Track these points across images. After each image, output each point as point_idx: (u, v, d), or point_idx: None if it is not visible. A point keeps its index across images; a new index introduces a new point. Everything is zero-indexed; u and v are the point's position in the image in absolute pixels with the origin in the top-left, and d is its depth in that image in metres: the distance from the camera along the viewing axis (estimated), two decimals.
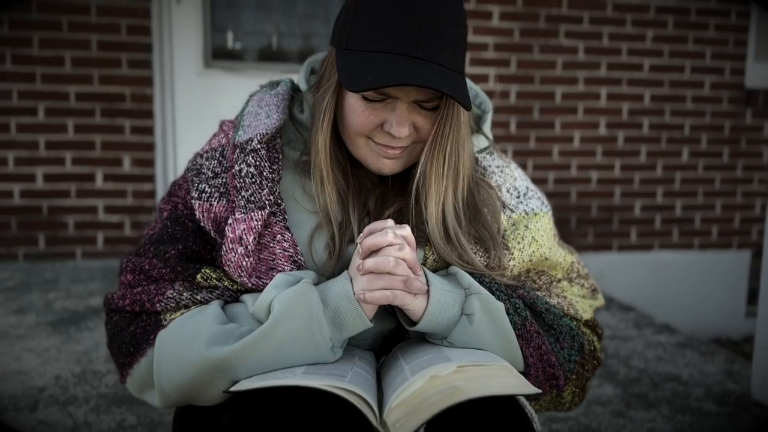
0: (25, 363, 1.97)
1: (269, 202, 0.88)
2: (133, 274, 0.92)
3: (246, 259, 0.85)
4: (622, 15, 3.41)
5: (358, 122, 0.87)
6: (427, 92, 0.85)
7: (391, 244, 0.78)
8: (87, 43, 2.96)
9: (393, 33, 0.81)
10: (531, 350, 0.87)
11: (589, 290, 1.02)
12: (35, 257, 3.05)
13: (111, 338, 0.92)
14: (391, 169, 0.90)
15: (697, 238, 3.71)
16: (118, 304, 0.91)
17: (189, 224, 0.93)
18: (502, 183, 0.98)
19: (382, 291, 0.78)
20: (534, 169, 3.44)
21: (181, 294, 0.87)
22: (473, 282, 0.85)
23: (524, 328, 0.87)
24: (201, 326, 0.81)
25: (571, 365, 0.91)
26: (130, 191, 3.08)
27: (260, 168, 0.89)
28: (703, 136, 3.61)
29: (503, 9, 3.29)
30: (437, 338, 0.84)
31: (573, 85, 3.42)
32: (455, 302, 0.83)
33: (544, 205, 1.01)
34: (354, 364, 0.80)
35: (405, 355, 0.84)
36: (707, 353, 2.28)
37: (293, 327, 0.77)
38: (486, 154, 1.00)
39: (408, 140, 0.88)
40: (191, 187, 0.94)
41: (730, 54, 3.56)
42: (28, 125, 2.97)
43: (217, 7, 3.15)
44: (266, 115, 0.93)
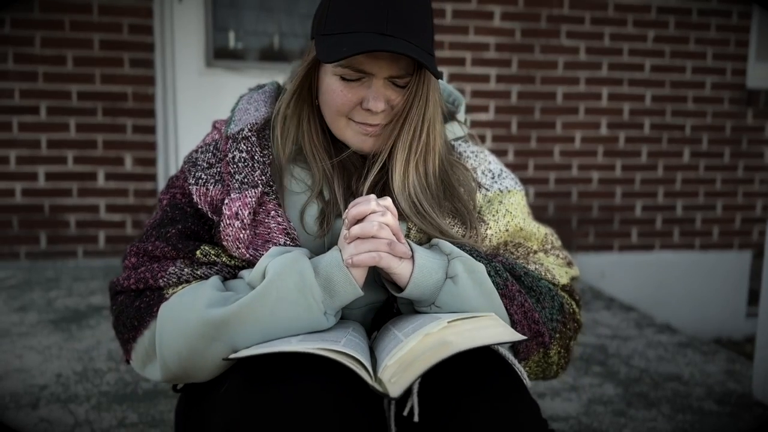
0: (27, 361, 1.97)
1: (262, 181, 0.94)
2: (137, 257, 0.97)
3: (243, 231, 0.91)
4: (623, 15, 3.41)
5: (337, 101, 0.94)
6: (399, 67, 0.92)
7: (374, 211, 0.84)
8: (89, 42, 2.96)
9: (365, 16, 0.89)
10: (515, 308, 0.91)
11: (564, 261, 1.08)
12: (37, 256, 3.05)
13: (116, 317, 0.96)
14: (371, 146, 0.97)
15: (698, 238, 3.71)
16: (123, 285, 0.96)
17: (187, 209, 0.99)
18: (477, 166, 1.06)
19: (368, 253, 0.82)
20: (535, 169, 3.45)
21: (182, 270, 0.92)
22: (454, 248, 0.90)
23: (506, 288, 0.91)
24: (200, 293, 0.86)
25: (554, 324, 0.95)
26: (132, 190, 3.09)
27: (252, 153, 0.96)
28: (704, 136, 3.61)
29: (504, 9, 3.29)
30: (425, 305, 0.88)
31: (574, 86, 3.42)
32: (439, 267, 0.87)
33: (517, 184, 1.08)
34: (348, 332, 0.84)
35: (396, 325, 0.88)
36: (708, 353, 2.28)
37: (286, 289, 0.81)
38: (462, 141, 1.09)
39: (384, 117, 0.95)
40: (188, 176, 1.00)
41: (732, 54, 3.56)
42: (30, 124, 2.97)
43: (218, 6, 3.16)
44: (255, 109, 1.02)
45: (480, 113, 3.32)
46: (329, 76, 0.94)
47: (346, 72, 0.92)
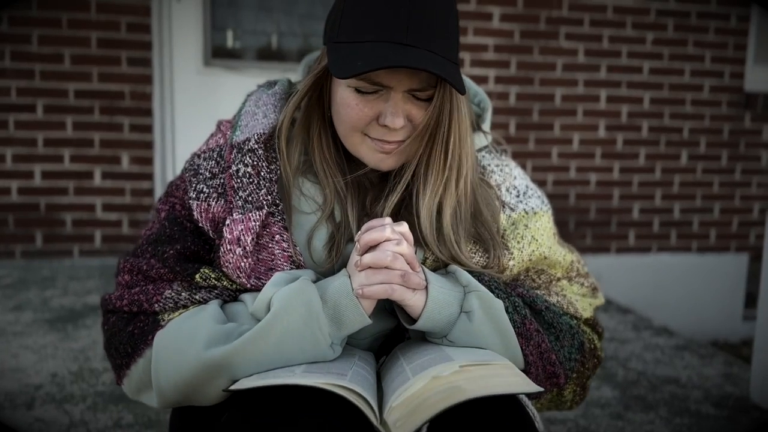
0: (22, 360, 1.96)
1: (267, 202, 0.87)
2: (130, 274, 0.91)
3: (244, 260, 0.84)
4: (622, 18, 3.41)
5: (352, 116, 0.85)
6: (420, 79, 0.83)
7: (389, 239, 0.78)
8: (87, 41, 2.95)
9: (382, 23, 0.80)
10: (531, 348, 0.86)
11: (589, 289, 1.01)
12: (32, 255, 3.03)
13: (108, 339, 0.90)
14: (389, 165, 0.89)
15: (696, 241, 3.71)
16: (115, 305, 0.89)
17: (187, 224, 0.92)
18: (501, 182, 0.98)
19: (380, 285, 0.78)
20: (533, 170, 3.44)
21: (180, 294, 0.86)
22: (472, 280, 0.84)
23: (524, 326, 0.86)
24: (199, 326, 0.80)
25: (572, 363, 0.91)
26: (129, 189, 3.07)
27: (258, 168, 0.88)
28: (702, 139, 3.62)
29: (504, 10, 3.29)
30: (437, 337, 0.84)
31: (573, 87, 3.42)
32: (454, 300, 0.83)
33: (543, 203, 1.00)
34: (354, 363, 0.80)
35: (406, 355, 0.83)
36: (706, 356, 2.28)
37: (292, 323, 0.76)
38: (485, 152, 1.00)
39: (404, 133, 0.86)
40: (189, 188, 0.93)
41: (730, 57, 3.57)
42: (27, 122, 2.96)
43: (217, 5, 3.15)
44: (263, 115, 0.93)
45: None
46: (343, 88, 0.86)
47: (362, 84, 0.84)
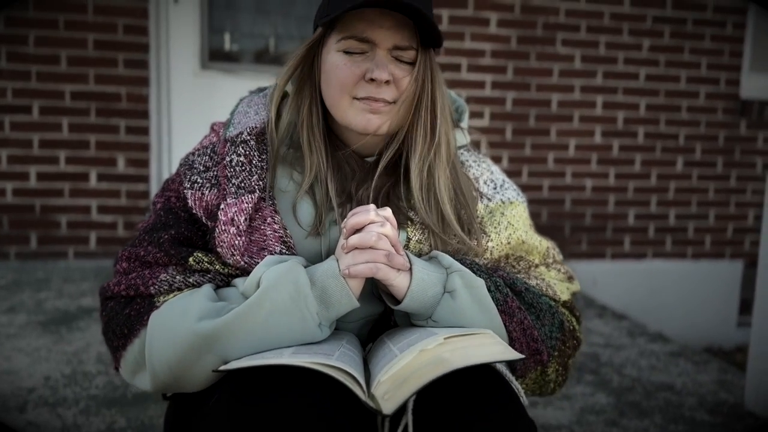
0: (15, 363, 1.95)
1: (259, 186, 0.92)
2: (128, 262, 0.95)
3: (238, 238, 0.89)
4: (618, 24, 3.42)
5: (341, 76, 0.91)
6: (402, 37, 0.91)
7: (373, 221, 0.83)
8: (83, 42, 2.94)
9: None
10: (514, 325, 0.90)
11: (565, 275, 1.06)
12: (27, 256, 3.02)
13: (106, 324, 0.94)
14: (377, 126, 0.93)
15: (691, 247, 3.72)
16: (113, 290, 0.93)
17: (182, 214, 0.96)
18: (479, 175, 1.04)
19: (366, 264, 0.82)
20: (529, 175, 3.45)
21: (174, 277, 0.90)
22: (453, 262, 0.89)
23: (506, 304, 0.90)
24: (192, 303, 0.84)
25: (553, 341, 0.94)
26: (124, 191, 3.07)
27: (250, 157, 0.94)
28: (698, 145, 3.63)
29: (501, 16, 3.29)
30: (422, 318, 0.87)
31: (569, 93, 3.43)
32: (437, 280, 0.86)
33: (519, 195, 1.07)
34: (342, 345, 0.82)
35: (392, 338, 0.86)
36: (700, 363, 2.28)
37: (280, 300, 0.79)
38: (464, 150, 1.07)
39: (390, 93, 0.92)
40: (184, 179, 0.98)
41: (726, 65, 3.58)
42: (23, 123, 2.95)
43: (214, 8, 3.15)
44: (255, 112, 1.00)
45: (475, 119, 3.32)
46: (332, 54, 0.93)
47: (349, 44, 0.91)
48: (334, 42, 0.93)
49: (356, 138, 0.97)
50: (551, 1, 3.33)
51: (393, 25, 0.90)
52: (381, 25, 0.90)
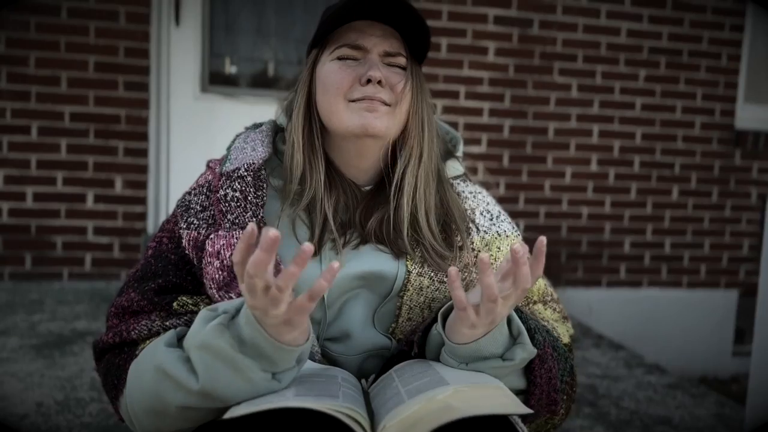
0: (7, 388, 1.93)
1: (252, 222, 0.88)
2: (117, 317, 0.95)
3: (220, 272, 0.88)
4: (615, 54, 3.46)
5: (335, 80, 0.94)
6: (391, 44, 0.95)
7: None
8: (84, 64, 2.95)
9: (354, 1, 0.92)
10: (543, 371, 0.88)
11: (560, 315, 1.05)
12: (21, 277, 3.00)
13: (104, 376, 0.94)
14: (374, 127, 0.93)
15: (686, 276, 3.73)
16: (103, 341, 0.94)
17: (171, 257, 0.95)
18: (475, 207, 1.04)
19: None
20: (525, 202, 3.46)
21: (154, 322, 0.90)
22: (522, 329, 0.85)
23: (543, 348, 0.88)
24: (155, 351, 0.81)
25: (563, 386, 0.93)
26: (121, 213, 3.06)
27: (245, 193, 0.93)
28: (693, 175, 3.65)
29: (499, 45, 3.33)
30: (457, 362, 0.84)
31: (566, 122, 3.46)
32: (501, 345, 0.84)
33: (514, 229, 1.06)
34: (339, 384, 0.80)
35: (402, 377, 0.84)
36: (698, 396, 2.28)
37: (223, 380, 0.73)
38: (460, 180, 1.08)
39: (386, 93, 0.93)
40: (180, 220, 0.98)
41: (721, 95, 3.62)
42: (21, 144, 2.95)
43: (215, 32, 3.17)
44: (252, 149, 0.99)
45: (472, 146, 3.34)
46: (326, 65, 0.96)
47: (342, 51, 0.95)
48: (327, 55, 0.96)
49: (355, 153, 0.97)
50: (549, 31, 3.37)
51: (382, 34, 0.95)
52: (371, 34, 0.95)
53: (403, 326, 0.95)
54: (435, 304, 0.94)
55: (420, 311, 0.94)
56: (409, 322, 0.95)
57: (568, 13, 3.38)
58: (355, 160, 0.99)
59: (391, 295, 0.94)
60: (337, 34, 0.96)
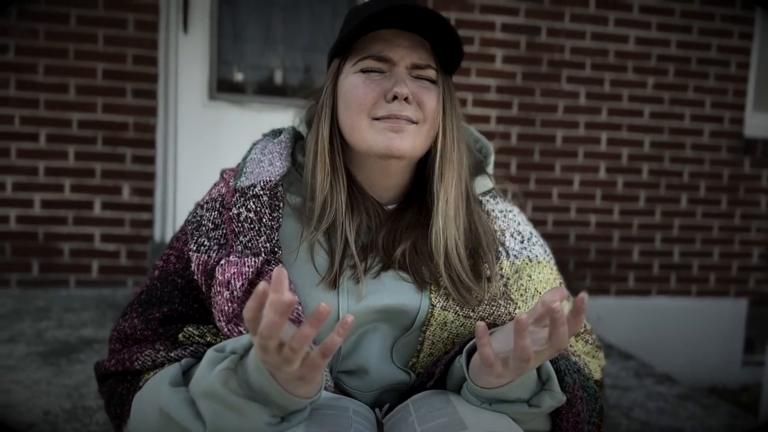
0: (14, 396, 1.92)
1: (265, 249, 0.85)
2: (120, 342, 0.92)
3: (229, 304, 0.83)
4: (623, 62, 3.45)
5: (360, 94, 0.87)
6: (419, 56, 0.88)
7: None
8: (92, 72, 2.96)
9: (382, 6, 0.85)
10: (570, 416, 0.83)
11: (593, 346, 0.99)
12: (28, 284, 3.00)
13: (107, 402, 0.91)
14: (399, 147, 0.87)
15: (695, 284, 3.70)
16: (105, 366, 0.91)
17: (178, 281, 0.90)
18: (506, 228, 0.97)
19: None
20: (533, 210, 3.44)
21: (158, 352, 0.86)
22: (553, 375, 0.80)
23: (573, 392, 0.82)
24: (160, 391, 0.77)
25: (590, 427, 0.89)
26: (128, 220, 3.05)
27: (260, 215, 0.87)
28: (702, 183, 3.63)
29: (506, 52, 3.32)
30: (479, 401, 0.80)
31: (573, 129, 3.45)
32: (528, 388, 0.79)
33: (546, 253, 1.00)
34: (351, 419, 0.77)
35: (419, 412, 0.80)
36: (709, 406, 2.25)
37: (231, 427, 0.71)
38: (490, 197, 1.00)
39: (412, 110, 0.87)
40: (190, 240, 0.92)
41: (730, 103, 3.61)
42: (29, 151, 2.95)
43: (223, 39, 3.17)
44: (269, 163, 0.93)
45: None
46: (349, 77, 0.89)
47: (367, 63, 0.88)
48: (351, 66, 0.90)
49: (378, 172, 0.92)
50: (556, 39, 3.37)
51: (410, 44, 0.88)
52: (398, 44, 0.88)
53: (424, 361, 0.90)
54: (459, 340, 0.89)
55: (443, 346, 0.89)
56: (431, 358, 0.89)
57: (575, 20, 3.38)
58: (379, 178, 0.93)
59: (413, 329, 0.88)
60: (361, 43, 0.89)
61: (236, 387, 0.70)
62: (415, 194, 0.95)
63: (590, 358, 0.97)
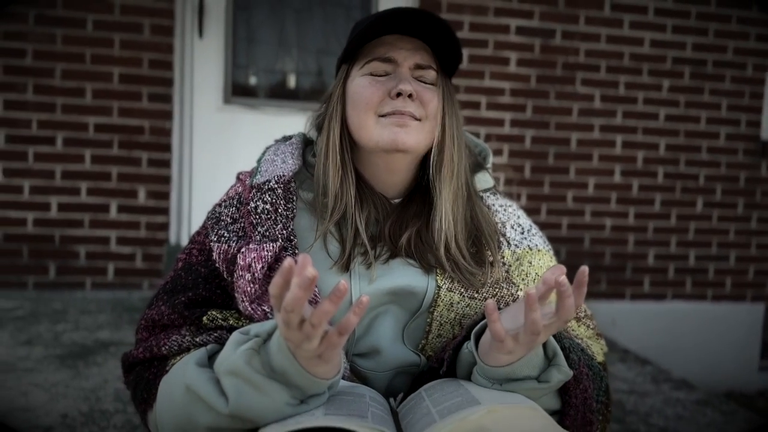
0: (32, 399, 1.93)
1: (282, 236, 0.91)
2: (147, 330, 0.96)
3: (251, 285, 0.88)
4: (638, 65, 3.43)
5: (366, 94, 0.94)
6: (422, 57, 0.95)
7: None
8: (109, 76, 2.98)
9: (385, 12, 0.92)
10: (578, 392, 0.86)
11: (594, 332, 1.03)
12: (45, 286, 3.02)
13: (134, 389, 0.94)
14: (404, 141, 0.93)
15: (711, 289, 3.67)
16: (133, 355, 0.94)
17: (201, 270, 0.96)
18: (506, 220, 1.04)
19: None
20: (548, 213, 3.43)
21: (184, 337, 0.90)
22: (558, 349, 0.83)
23: (578, 368, 0.86)
24: (187, 370, 0.81)
25: (599, 406, 0.91)
26: (144, 223, 3.07)
27: (276, 205, 0.94)
28: (718, 186, 3.60)
29: (520, 55, 3.31)
30: (490, 383, 0.82)
31: (588, 132, 3.43)
32: (536, 365, 0.82)
33: (545, 243, 1.06)
34: (368, 404, 0.79)
35: (432, 396, 0.82)
36: (727, 412, 2.23)
37: (252, 404, 0.73)
38: (490, 194, 1.07)
39: (415, 107, 0.94)
40: (210, 232, 0.98)
41: (746, 106, 3.57)
42: (46, 154, 2.98)
43: (237, 43, 3.18)
44: (282, 161, 1.00)
45: (494, 157, 3.32)
46: (356, 80, 0.97)
47: (372, 66, 0.95)
48: (358, 69, 0.97)
49: (384, 167, 0.98)
50: (571, 42, 3.35)
51: (412, 47, 0.96)
52: (401, 47, 0.95)
53: (433, 343, 0.94)
54: (466, 321, 0.94)
55: (450, 327, 0.94)
56: (440, 339, 0.94)
57: (590, 23, 3.36)
58: (385, 175, 1.00)
59: (421, 311, 0.94)
60: (367, 49, 0.97)
61: (259, 366, 0.74)
62: (418, 190, 1.01)
63: (592, 342, 1.00)
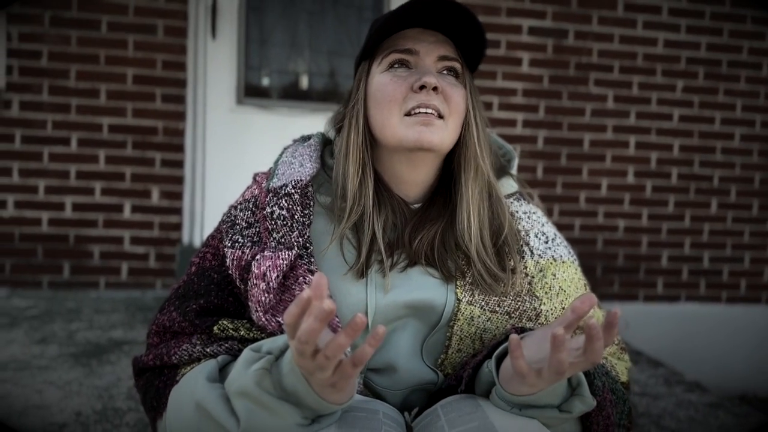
0: (46, 397, 1.95)
1: (298, 243, 0.88)
2: (158, 336, 0.95)
3: (266, 294, 0.85)
4: (652, 65, 3.41)
5: (389, 91, 0.90)
6: (446, 49, 0.92)
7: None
8: (123, 77, 3.01)
9: (407, 4, 0.88)
10: (601, 419, 0.82)
11: (618, 348, 1.00)
12: (59, 285, 3.05)
13: (143, 395, 0.94)
14: (429, 140, 0.90)
15: (725, 291, 3.63)
16: (143, 361, 0.93)
17: (214, 276, 0.93)
18: (530, 228, 0.99)
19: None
20: (560, 215, 3.41)
21: (195, 347, 0.88)
22: (584, 380, 0.80)
23: (602, 395, 0.82)
24: (197, 386, 0.79)
25: (620, 430, 0.89)
26: (157, 223, 3.10)
27: (292, 211, 0.90)
28: (733, 187, 3.57)
29: (533, 56, 3.30)
30: (509, 407, 0.79)
31: (601, 133, 3.41)
32: (560, 393, 0.79)
33: (570, 254, 1.01)
34: (381, 421, 0.77)
35: (448, 416, 0.80)
36: (741, 415, 2.21)
37: (264, 425, 0.72)
38: (513, 199, 1.02)
39: (440, 102, 0.90)
40: (225, 237, 0.95)
41: (761, 106, 3.54)
42: (61, 155, 3.01)
43: (250, 45, 3.20)
44: (300, 164, 0.96)
45: None
46: (377, 77, 0.93)
47: (393, 57, 0.92)
48: (377, 65, 0.93)
49: (407, 166, 0.94)
50: (584, 42, 3.34)
51: (435, 40, 0.92)
52: (424, 40, 0.92)
53: (452, 358, 0.91)
54: (486, 335, 0.90)
55: (471, 342, 0.90)
56: (459, 354, 0.90)
57: (603, 23, 3.34)
58: (407, 174, 0.96)
59: (440, 325, 0.90)
60: (387, 44, 0.93)
61: (270, 387, 0.72)
62: (440, 192, 0.98)
63: (616, 359, 0.97)
